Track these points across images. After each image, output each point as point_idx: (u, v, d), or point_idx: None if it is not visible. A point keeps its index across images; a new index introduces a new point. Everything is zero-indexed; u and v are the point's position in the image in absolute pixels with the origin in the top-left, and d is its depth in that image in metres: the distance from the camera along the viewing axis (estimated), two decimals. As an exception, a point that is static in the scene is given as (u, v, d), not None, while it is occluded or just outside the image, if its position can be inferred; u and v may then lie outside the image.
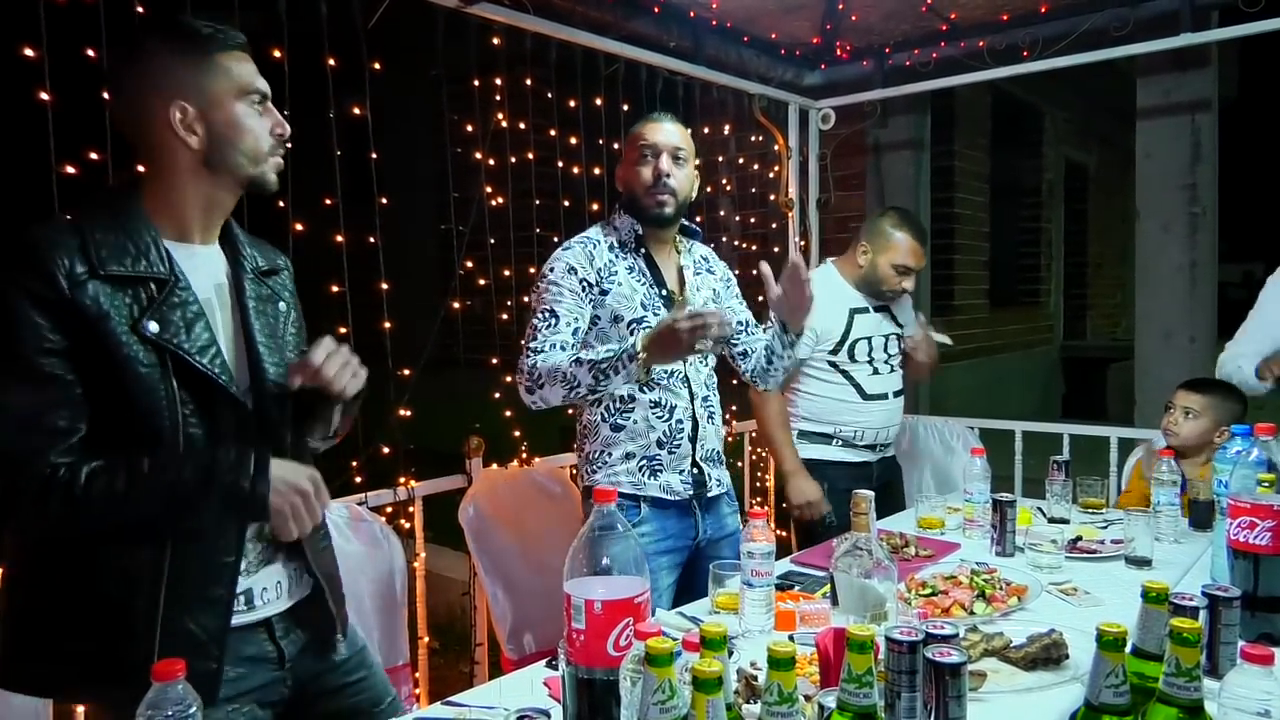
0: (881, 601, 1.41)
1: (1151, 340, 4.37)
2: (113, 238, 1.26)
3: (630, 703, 1.12)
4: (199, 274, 1.35)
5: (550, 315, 2.01)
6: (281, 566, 1.43)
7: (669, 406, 2.08)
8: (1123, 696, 1.00)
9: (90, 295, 1.21)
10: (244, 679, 1.36)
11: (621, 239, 2.12)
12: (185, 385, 1.28)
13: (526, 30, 2.79)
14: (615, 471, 2.07)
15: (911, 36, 3.76)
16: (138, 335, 1.24)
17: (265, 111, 1.38)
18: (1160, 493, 2.20)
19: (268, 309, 1.45)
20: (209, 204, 1.37)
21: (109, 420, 1.25)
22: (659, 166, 2.06)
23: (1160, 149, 4.30)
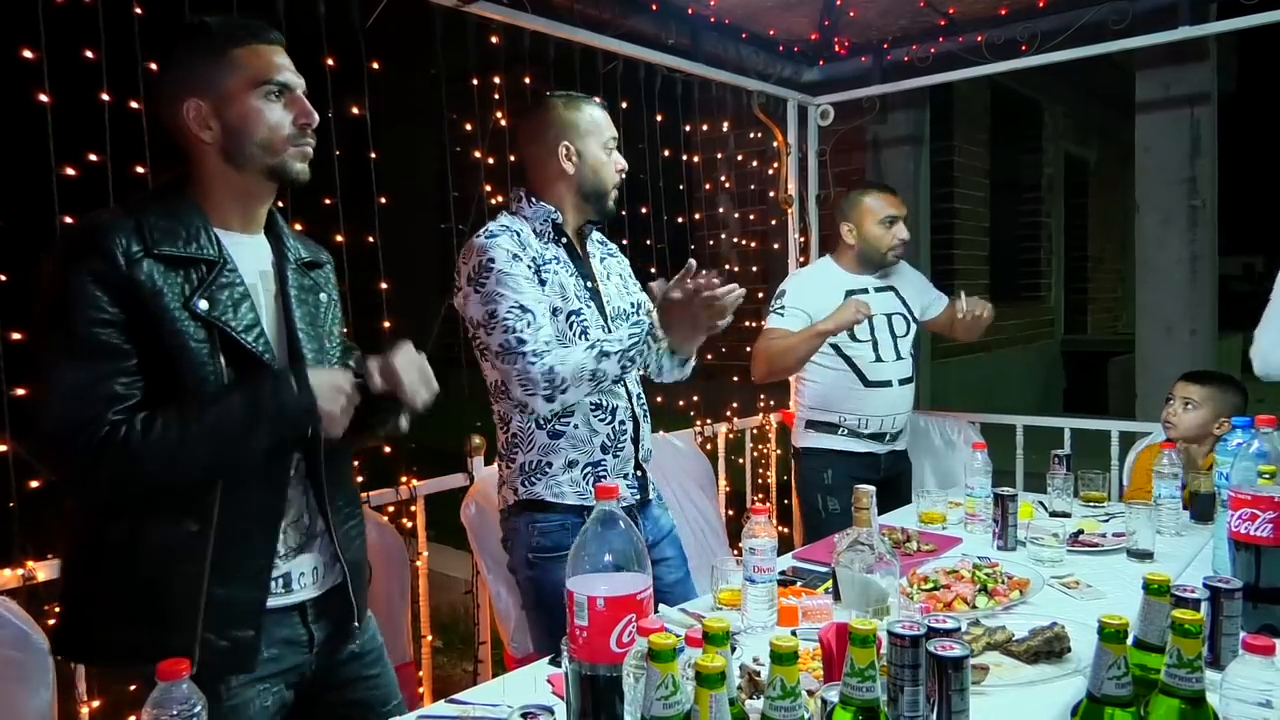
0: (884, 596, 1.41)
1: (1152, 334, 4.38)
2: (165, 222, 1.33)
3: (633, 699, 1.12)
4: (245, 260, 1.41)
5: (524, 311, 1.83)
6: (317, 554, 1.47)
7: (610, 408, 1.96)
8: (1125, 688, 1.00)
9: (145, 273, 1.28)
10: (278, 660, 1.41)
11: (538, 228, 1.97)
12: (232, 362, 1.33)
13: (525, 28, 2.78)
14: (558, 482, 1.92)
15: (910, 32, 3.76)
16: (189, 312, 1.30)
17: (288, 102, 1.39)
18: (1161, 486, 2.21)
19: (309, 298, 1.50)
20: (241, 195, 1.42)
21: (159, 394, 1.30)
22: (620, 162, 2.03)
23: (1160, 143, 4.30)
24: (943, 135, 6.30)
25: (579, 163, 1.98)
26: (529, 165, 2.04)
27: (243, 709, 1.36)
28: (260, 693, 1.39)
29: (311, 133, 1.42)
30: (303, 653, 1.46)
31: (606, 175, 2.00)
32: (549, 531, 1.94)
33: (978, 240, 7.07)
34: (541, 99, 2.06)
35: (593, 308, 1.96)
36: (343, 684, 1.53)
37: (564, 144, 1.97)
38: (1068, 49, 3.32)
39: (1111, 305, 9.75)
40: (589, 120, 2.00)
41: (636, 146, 3.37)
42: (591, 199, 2.01)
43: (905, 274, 3.06)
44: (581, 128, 1.99)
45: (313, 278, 1.53)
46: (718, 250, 5.07)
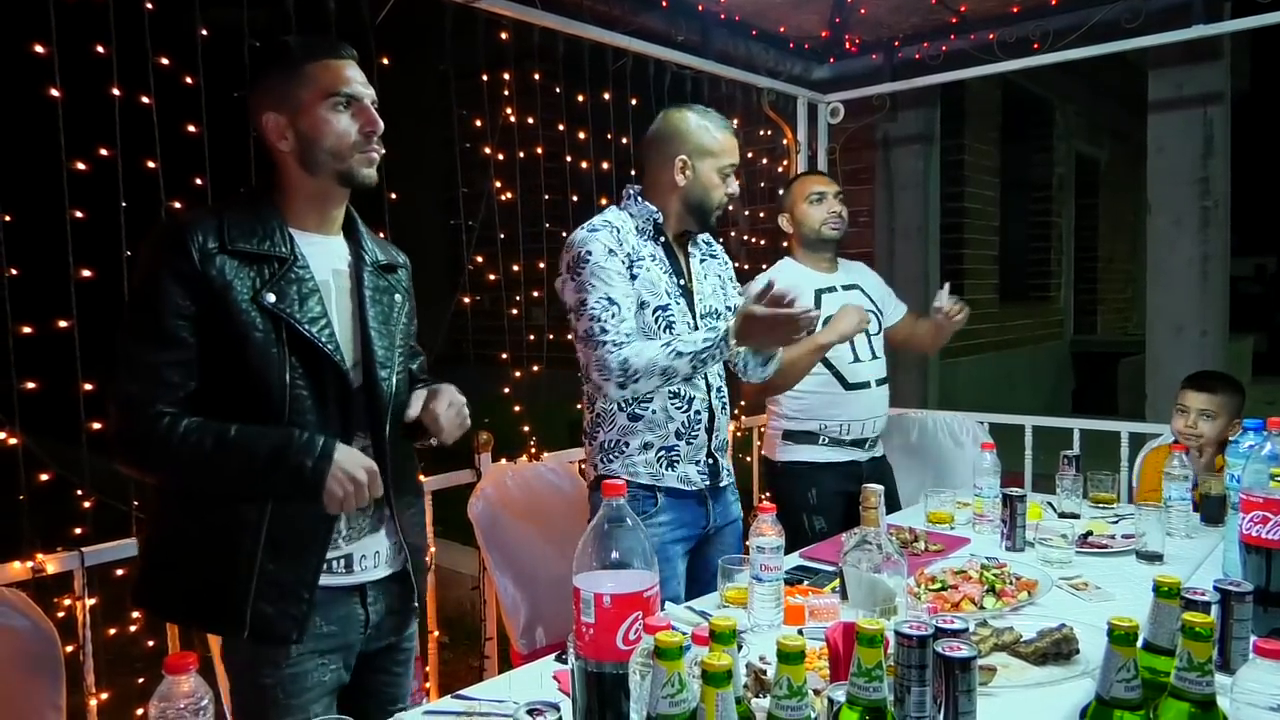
0: (891, 596, 1.41)
1: (1163, 335, 4.35)
2: (244, 221, 1.45)
3: (639, 696, 1.12)
4: (318, 259, 1.51)
5: (610, 304, 1.95)
6: (384, 537, 1.56)
7: (687, 398, 2.07)
8: (1134, 691, 0.99)
9: (218, 267, 1.39)
10: (336, 635, 1.51)
11: (640, 225, 2.08)
12: (296, 352, 1.43)
13: (534, 25, 2.78)
14: (633, 461, 2.05)
15: (921, 29, 3.75)
16: (257, 305, 1.41)
17: (355, 111, 1.49)
18: (1172, 488, 2.19)
19: (383, 299, 1.59)
20: (316, 198, 1.52)
21: (227, 381, 1.41)
22: (733, 189, 2.11)
23: (1172, 142, 4.27)
24: (953, 134, 6.27)
25: (691, 178, 2.08)
26: (646, 164, 2.14)
27: (301, 678, 1.46)
28: (319, 666, 1.48)
29: (378, 140, 1.51)
30: (358, 632, 1.54)
31: (715, 197, 2.09)
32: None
33: (987, 239, 7.04)
34: (673, 109, 2.13)
35: (681, 304, 2.06)
36: (379, 671, 1.62)
37: (681, 157, 2.07)
38: (1080, 47, 3.30)
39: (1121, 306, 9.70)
40: (713, 142, 2.07)
41: (646, 144, 3.37)
42: (695, 213, 2.11)
43: (867, 274, 3.03)
44: (704, 146, 2.07)
45: (388, 280, 1.62)
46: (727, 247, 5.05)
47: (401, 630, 1.65)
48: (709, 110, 2.12)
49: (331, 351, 1.46)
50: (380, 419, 1.53)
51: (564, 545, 2.08)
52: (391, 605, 1.60)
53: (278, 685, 1.44)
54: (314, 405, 1.45)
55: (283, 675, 1.44)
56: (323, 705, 1.49)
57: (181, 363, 1.40)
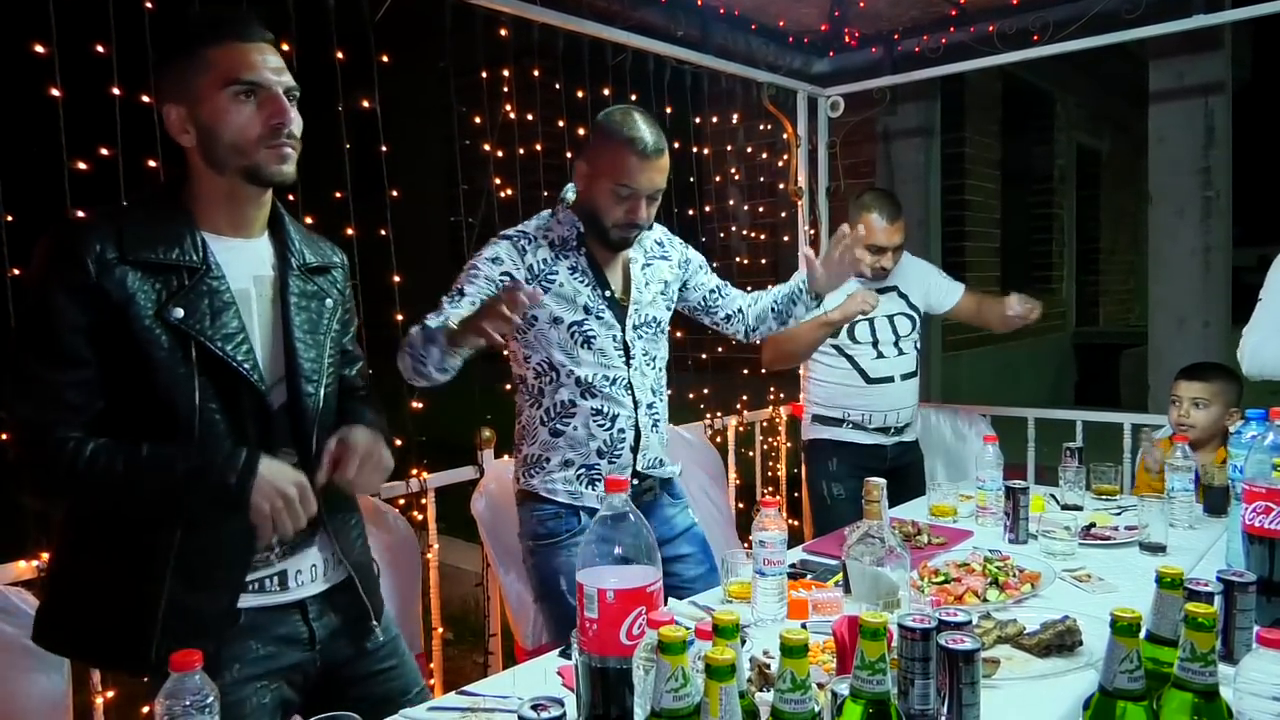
0: (894, 589, 1.41)
1: (1165, 326, 4.35)
2: (146, 228, 1.31)
3: (643, 691, 1.13)
4: (236, 265, 1.38)
5: (458, 294, 1.85)
6: (318, 550, 1.46)
7: (611, 415, 1.97)
8: (1138, 682, 0.99)
9: (117, 280, 1.26)
10: (275, 657, 1.40)
11: (563, 235, 1.96)
12: (207, 371, 1.31)
13: (534, 21, 2.78)
14: (552, 479, 1.97)
15: (921, 22, 3.74)
16: (161, 320, 1.28)
17: (261, 102, 1.33)
18: (1174, 478, 2.20)
19: (310, 304, 1.46)
20: (227, 198, 1.38)
21: (131, 402, 1.29)
22: (638, 212, 1.91)
23: (1173, 133, 4.27)
24: (953, 126, 6.26)
25: (584, 189, 1.95)
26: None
27: (238, 706, 1.35)
28: (257, 690, 1.38)
29: (288, 134, 1.35)
30: (303, 650, 1.44)
31: (607, 218, 1.92)
32: (545, 519, 1.99)
33: (989, 232, 7.02)
34: (612, 109, 1.95)
35: (606, 316, 1.97)
36: (357, 680, 1.52)
37: (581, 163, 1.95)
38: (1080, 38, 3.29)
39: (1124, 297, 9.69)
40: (609, 160, 1.88)
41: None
42: (590, 228, 1.96)
43: (907, 269, 3.03)
44: (600, 160, 1.90)
45: (317, 283, 1.49)
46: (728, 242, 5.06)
47: (362, 639, 1.53)
48: (637, 121, 1.88)
49: (248, 371, 1.34)
50: (307, 434, 1.42)
51: (567, 541, 2.07)
52: (343, 618, 1.49)
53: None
54: (228, 428, 1.33)
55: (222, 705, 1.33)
56: None
57: (82, 382, 1.27)
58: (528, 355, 1.99)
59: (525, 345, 1.98)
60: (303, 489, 1.31)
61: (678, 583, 2.04)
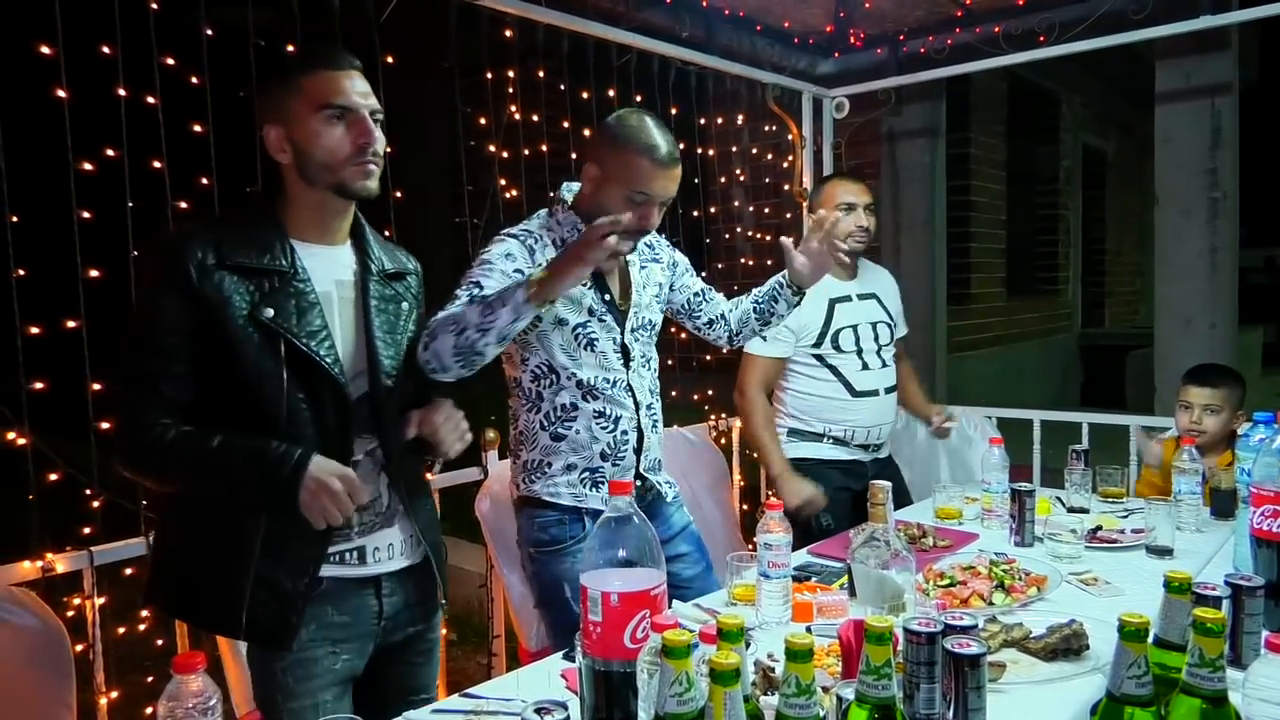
0: (900, 592, 1.40)
1: (1171, 327, 4.33)
2: (242, 235, 1.46)
3: (647, 695, 1.12)
4: (320, 270, 1.52)
5: (474, 285, 1.77)
6: (395, 532, 1.58)
7: (613, 417, 1.96)
8: (1145, 687, 0.99)
9: (215, 283, 1.41)
10: (348, 626, 1.53)
11: (564, 236, 1.93)
12: (294, 366, 1.44)
13: (539, 22, 2.78)
14: (555, 483, 1.95)
15: (926, 23, 3.73)
16: (254, 319, 1.42)
17: (349, 124, 1.48)
18: (1182, 481, 2.18)
19: (389, 307, 1.59)
20: (317, 209, 1.53)
21: (226, 394, 1.43)
22: (649, 219, 1.88)
23: (1180, 133, 4.25)
24: (959, 127, 6.25)
25: (593, 191, 1.91)
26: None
27: (309, 664, 1.48)
28: (329, 654, 1.50)
29: (373, 153, 1.49)
30: (371, 624, 1.56)
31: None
32: (547, 526, 1.97)
33: (994, 233, 7.02)
34: (627, 111, 1.92)
35: (607, 320, 1.95)
36: (396, 663, 1.63)
37: (592, 165, 1.91)
38: (1087, 39, 3.28)
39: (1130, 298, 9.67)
40: (622, 164, 1.84)
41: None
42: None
43: (888, 282, 2.98)
44: (615, 163, 1.86)
45: (394, 288, 1.62)
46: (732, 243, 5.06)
47: (423, 621, 1.66)
48: (651, 126, 1.86)
49: (330, 365, 1.46)
50: (384, 423, 1.55)
51: (571, 542, 2.07)
52: (410, 598, 1.61)
53: (286, 671, 1.46)
54: (312, 417, 1.46)
55: (290, 662, 1.46)
56: (332, 694, 1.50)
57: (176, 376, 1.42)
58: (525, 357, 1.95)
59: (523, 347, 1.94)
60: (349, 482, 1.40)
61: (675, 582, 2.00)
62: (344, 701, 1.52)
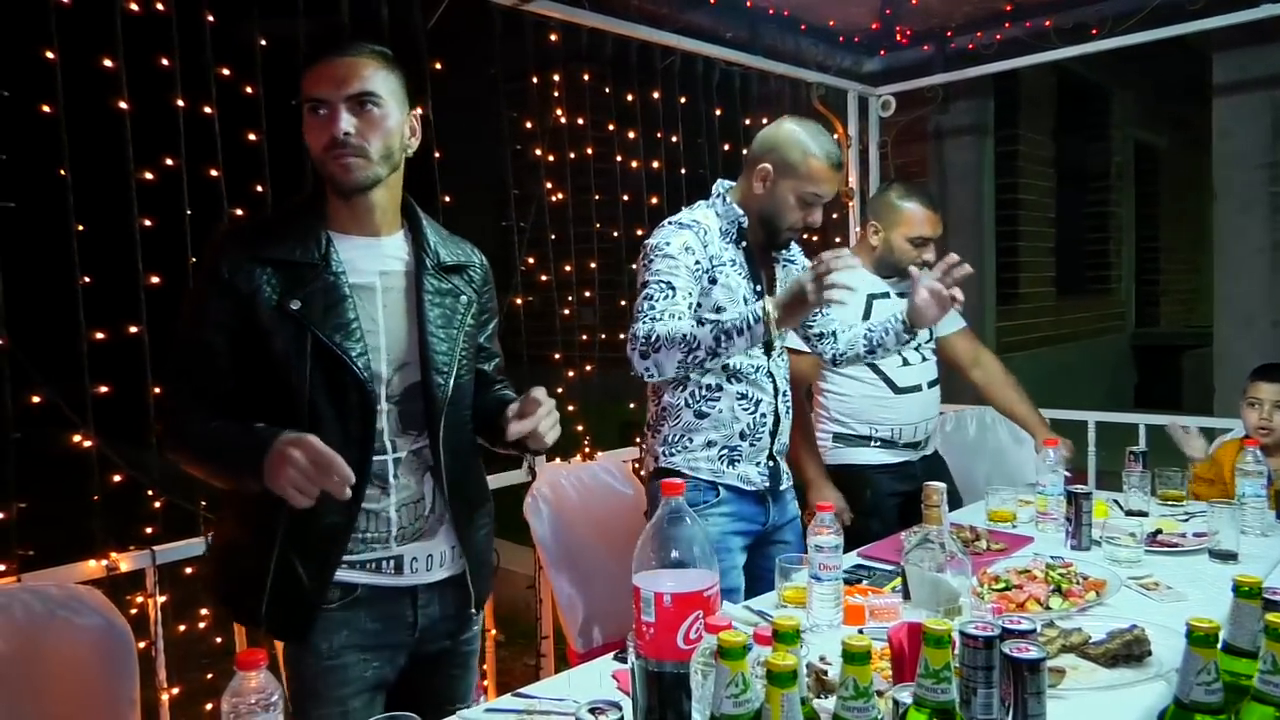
0: (955, 596, 1.39)
1: (1231, 325, 4.22)
2: (280, 229, 1.46)
3: (702, 696, 1.12)
4: (361, 262, 1.48)
5: (668, 288, 1.93)
6: (438, 542, 1.55)
7: (755, 399, 2.06)
8: (1215, 694, 0.96)
9: (245, 275, 1.41)
10: (380, 634, 1.50)
11: (725, 227, 2.06)
12: (320, 360, 1.42)
13: (583, 26, 2.79)
14: (695, 457, 2.05)
15: (974, 18, 3.68)
16: (282, 311, 1.41)
17: (327, 115, 1.42)
18: (1246, 484, 2.12)
19: (445, 300, 1.55)
20: (342, 201, 1.48)
21: (257, 385, 1.43)
22: (814, 218, 2.06)
23: (1238, 127, 4.14)
24: (1007, 124, 6.14)
25: (768, 191, 2.04)
26: (745, 164, 2.11)
27: (340, 671, 1.46)
28: (360, 662, 1.48)
29: (348, 146, 1.41)
30: (405, 634, 1.53)
31: (786, 219, 2.05)
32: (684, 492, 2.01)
33: (1043, 231, 6.88)
34: (792, 118, 2.08)
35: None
36: (430, 672, 1.60)
37: (765, 166, 2.03)
38: (1140, 31, 3.21)
39: (1185, 297, 9.42)
40: (801, 163, 2.00)
41: (695, 141, 3.36)
42: (765, 228, 2.08)
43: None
44: (790, 164, 2.01)
45: (452, 281, 1.57)
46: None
47: (458, 634, 1.62)
48: (822, 132, 2.05)
49: (354, 358, 1.43)
50: (435, 418, 1.50)
51: (619, 544, 2.08)
52: (446, 610, 1.58)
53: (318, 676, 1.46)
54: (334, 413, 1.43)
55: (322, 667, 1.46)
56: (362, 700, 1.49)
57: (212, 370, 1.44)
58: None
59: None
60: (313, 452, 1.28)
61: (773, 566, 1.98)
62: (373, 708, 1.50)
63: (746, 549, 2.12)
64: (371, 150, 1.43)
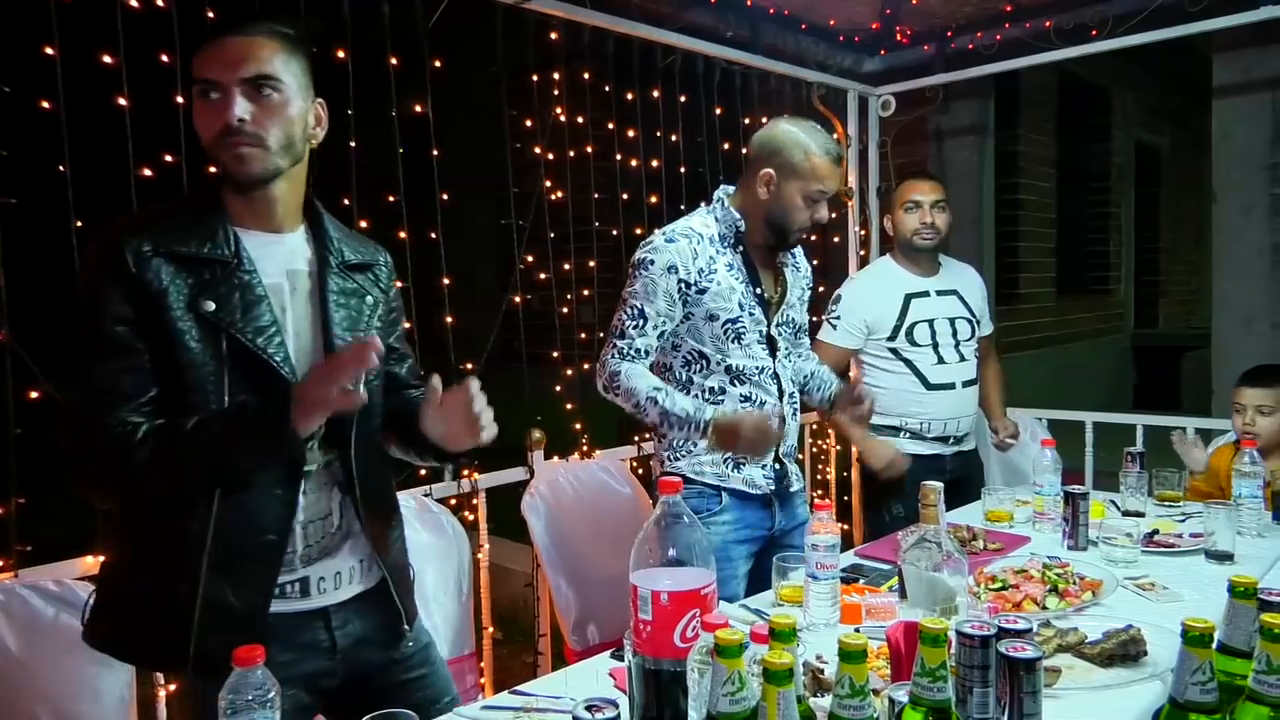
0: (951, 595, 1.39)
1: (1230, 327, 4.22)
2: (182, 222, 1.31)
3: (698, 694, 1.12)
4: (268, 260, 1.36)
5: (639, 316, 1.98)
6: (345, 558, 1.43)
7: (759, 402, 2.06)
8: (1210, 694, 0.97)
9: (153, 271, 1.26)
10: (294, 664, 1.36)
11: (722, 233, 2.06)
12: (239, 365, 1.29)
13: (584, 24, 2.79)
14: (700, 462, 2.06)
15: (975, 18, 3.68)
16: (193, 314, 1.27)
17: (220, 99, 1.29)
18: (1242, 485, 2.13)
19: (350, 301, 1.44)
20: (241, 194, 1.35)
21: (169, 396, 1.28)
22: (821, 214, 2.06)
23: (1239, 129, 4.14)
24: (1007, 124, 6.14)
25: (773, 195, 2.04)
26: (744, 168, 2.12)
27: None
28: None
29: (242, 134, 1.29)
30: (323, 659, 1.41)
31: (795, 220, 2.05)
32: (688, 499, 1.99)
33: (1043, 232, 6.88)
34: (787, 118, 2.10)
35: (756, 314, 2.06)
36: (387, 690, 1.46)
37: (768, 171, 2.03)
38: (1141, 32, 3.20)
39: (1185, 298, 9.42)
40: (804, 164, 2.01)
41: (695, 140, 3.36)
42: (774, 231, 2.08)
43: (970, 278, 3.01)
44: (793, 165, 2.01)
45: (356, 280, 1.46)
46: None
47: (393, 646, 1.49)
48: (818, 129, 2.05)
49: (280, 363, 1.31)
50: (347, 431, 1.39)
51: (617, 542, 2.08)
52: (369, 627, 1.45)
53: None
54: None
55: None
56: None
57: (134, 369, 1.27)
58: (677, 345, 2.06)
59: (674, 335, 2.05)
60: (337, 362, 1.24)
61: None
62: None
63: (753, 555, 2.11)
64: (269, 139, 1.31)
